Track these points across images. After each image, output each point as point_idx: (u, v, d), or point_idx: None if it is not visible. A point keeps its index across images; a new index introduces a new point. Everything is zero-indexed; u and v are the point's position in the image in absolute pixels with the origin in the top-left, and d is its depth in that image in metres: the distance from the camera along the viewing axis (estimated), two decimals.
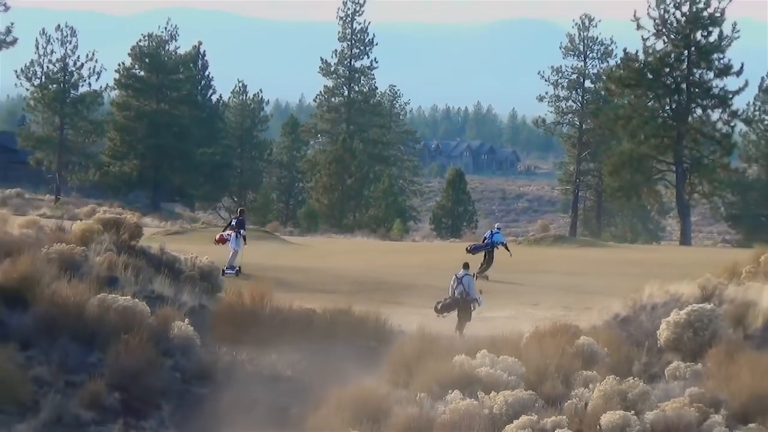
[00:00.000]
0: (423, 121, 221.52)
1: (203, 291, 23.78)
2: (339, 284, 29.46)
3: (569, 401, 15.83)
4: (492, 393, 16.21)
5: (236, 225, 31.18)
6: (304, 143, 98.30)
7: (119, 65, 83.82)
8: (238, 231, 30.84)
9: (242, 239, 30.87)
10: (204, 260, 25.46)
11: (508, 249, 34.52)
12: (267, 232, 51.39)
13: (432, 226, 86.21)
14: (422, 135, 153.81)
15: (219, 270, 26.59)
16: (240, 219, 31.68)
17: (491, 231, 34.97)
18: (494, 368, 17.24)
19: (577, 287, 30.36)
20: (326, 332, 21.29)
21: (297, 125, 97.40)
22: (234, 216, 33.48)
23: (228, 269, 29.65)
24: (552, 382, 16.75)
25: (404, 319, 22.53)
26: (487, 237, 34.62)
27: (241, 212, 32.92)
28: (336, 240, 60.03)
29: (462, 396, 16.23)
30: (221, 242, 31.25)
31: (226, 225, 33.20)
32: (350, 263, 36.13)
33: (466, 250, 34.08)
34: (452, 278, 23.02)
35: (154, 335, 19.45)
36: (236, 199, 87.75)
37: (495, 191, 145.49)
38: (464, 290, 22.54)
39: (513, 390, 16.26)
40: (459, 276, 22.86)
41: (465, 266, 23.35)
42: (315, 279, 30.36)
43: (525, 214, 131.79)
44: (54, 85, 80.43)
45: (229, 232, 31.08)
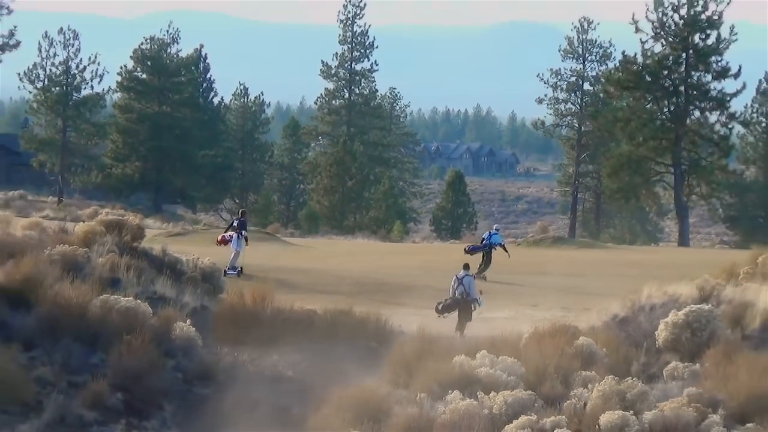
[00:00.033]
0: (423, 124, 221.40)
1: (205, 292, 23.82)
2: (340, 285, 29.57)
3: (568, 401, 15.86)
4: (492, 393, 16.24)
5: (238, 226, 31.27)
6: (305, 145, 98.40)
7: (121, 68, 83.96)
8: (240, 232, 30.96)
9: (244, 240, 31.02)
10: (206, 261, 25.53)
11: (507, 250, 34.60)
12: (268, 234, 51.30)
13: (432, 228, 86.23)
14: (422, 137, 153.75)
15: (220, 271, 26.65)
16: (241, 220, 31.76)
17: (489, 232, 35.12)
18: (494, 368, 17.27)
19: (576, 288, 30.43)
20: (327, 333, 21.32)
21: (298, 127, 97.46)
22: (235, 217, 33.55)
23: (230, 270, 29.77)
24: (551, 383, 16.77)
25: (405, 320, 22.59)
26: (486, 238, 34.75)
27: (243, 213, 32.99)
28: (337, 241, 60.01)
29: (462, 396, 16.25)
30: (223, 243, 31.33)
31: (228, 226, 33.26)
32: (351, 264, 36.16)
33: (465, 251, 34.36)
34: (453, 279, 23.11)
35: (157, 336, 19.45)
36: (238, 201, 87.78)
37: (494, 193, 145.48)
38: (465, 291, 22.63)
39: (512, 390, 16.27)
40: (459, 277, 22.95)
41: (465, 267, 23.49)
42: (316, 280, 30.42)
43: (524, 216, 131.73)
44: (57, 88, 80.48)
45: (231, 233, 31.18)
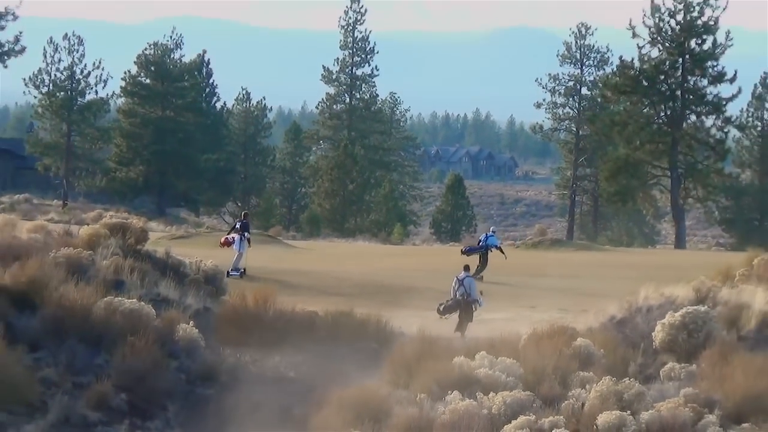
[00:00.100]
0: (423, 128, 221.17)
1: (208, 294, 23.91)
2: (341, 287, 29.75)
3: (566, 402, 15.91)
4: (491, 394, 16.28)
5: (241, 228, 31.59)
6: (307, 149, 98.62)
7: (125, 73, 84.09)
8: (243, 234, 31.26)
9: (247, 242, 31.31)
10: (208, 264, 25.62)
11: (503, 252, 34.87)
12: (270, 237, 51.37)
13: (432, 231, 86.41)
14: (422, 141, 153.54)
15: (223, 273, 26.76)
16: (244, 222, 32.07)
17: (486, 234, 35.50)
18: (493, 369, 17.31)
19: (574, 290, 30.55)
20: (329, 334, 21.38)
21: (299, 132, 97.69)
22: (238, 219, 33.82)
23: (233, 271, 30.04)
24: (549, 383, 16.81)
25: (405, 322, 22.68)
26: (482, 240, 35.07)
27: (245, 215, 33.25)
28: (338, 244, 60.15)
29: (461, 397, 16.27)
30: (226, 245, 31.55)
31: (231, 228, 33.58)
32: (352, 267, 36.28)
33: (461, 252, 34.79)
34: (453, 280, 23.32)
35: (160, 337, 19.48)
36: (240, 205, 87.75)
37: (493, 196, 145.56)
38: (465, 291, 22.84)
39: (511, 391, 16.32)
40: (460, 278, 23.18)
41: (465, 268, 23.77)
42: (317, 282, 30.58)
43: (523, 219, 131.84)
44: (61, 93, 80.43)
45: (234, 235, 31.47)
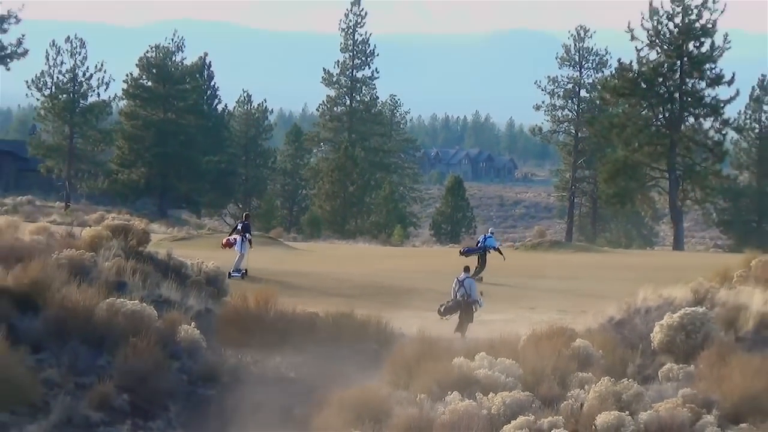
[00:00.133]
0: (423, 130, 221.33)
1: (209, 295, 23.96)
2: (341, 288, 29.84)
3: (565, 402, 15.92)
4: (490, 394, 16.28)
5: (242, 229, 31.72)
6: (308, 151, 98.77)
7: (127, 76, 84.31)
8: (244, 235, 31.40)
9: (248, 243, 31.45)
10: (210, 265, 25.66)
11: (501, 253, 35.05)
12: (271, 238, 51.43)
13: (432, 232, 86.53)
14: (422, 143, 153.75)
15: (224, 275, 26.77)
16: (246, 223, 32.21)
17: (484, 235, 35.62)
18: (492, 370, 17.31)
19: (573, 291, 30.62)
20: (329, 335, 21.41)
21: (300, 134, 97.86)
22: (240, 221, 33.98)
23: (234, 272, 30.18)
24: (548, 384, 16.81)
25: (405, 323, 22.73)
26: (481, 241, 35.21)
27: (247, 217, 33.43)
28: (338, 245, 60.30)
29: (461, 397, 16.28)
30: (228, 246, 31.65)
31: (233, 229, 33.73)
32: (352, 268, 36.34)
33: (460, 253, 34.95)
34: (454, 281, 23.42)
35: (162, 338, 19.53)
36: (241, 206, 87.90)
37: (493, 198, 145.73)
38: (466, 292, 22.95)
39: (510, 391, 16.32)
40: (460, 279, 23.28)
41: (466, 269, 23.92)
42: (318, 283, 30.70)
43: (522, 220, 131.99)
44: (64, 95, 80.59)
45: (236, 236, 31.63)
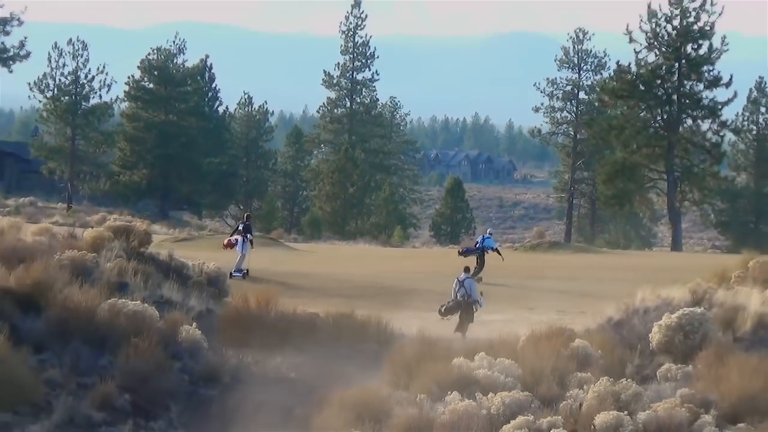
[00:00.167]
0: (423, 132, 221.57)
1: (210, 296, 23.98)
2: (342, 289, 29.89)
3: (564, 402, 15.92)
4: (490, 394, 16.28)
5: (243, 230, 31.86)
6: (308, 153, 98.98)
7: (129, 78, 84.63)
8: (245, 235, 31.54)
9: (249, 243, 31.58)
10: (211, 266, 25.66)
11: (500, 253, 35.16)
12: (272, 239, 51.50)
13: (431, 233, 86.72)
14: (422, 145, 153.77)
15: (226, 275, 26.83)
16: (247, 224, 32.36)
17: (483, 236, 35.70)
18: (492, 370, 17.33)
19: (572, 292, 30.67)
20: (330, 336, 21.43)
21: (301, 136, 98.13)
22: (241, 221, 34.12)
23: (235, 272, 30.30)
24: (548, 384, 16.83)
25: (405, 323, 22.74)
26: (479, 242, 35.29)
27: (248, 217, 33.61)
28: (339, 246, 60.42)
29: (461, 397, 16.28)
30: (229, 247, 31.76)
31: (234, 230, 33.86)
32: (352, 269, 36.42)
33: (458, 253, 35.05)
34: (454, 282, 23.51)
35: (163, 339, 19.54)
36: (242, 207, 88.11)
37: (492, 199, 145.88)
38: (466, 293, 23.04)
39: (510, 391, 16.32)
40: (461, 279, 23.38)
41: (466, 270, 24.03)
42: (318, 284, 30.78)
43: (521, 222, 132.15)
44: (66, 97, 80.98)
45: (237, 237, 31.75)
